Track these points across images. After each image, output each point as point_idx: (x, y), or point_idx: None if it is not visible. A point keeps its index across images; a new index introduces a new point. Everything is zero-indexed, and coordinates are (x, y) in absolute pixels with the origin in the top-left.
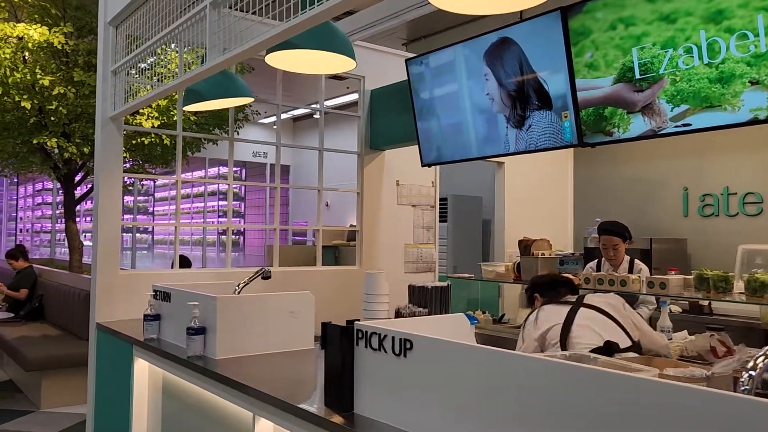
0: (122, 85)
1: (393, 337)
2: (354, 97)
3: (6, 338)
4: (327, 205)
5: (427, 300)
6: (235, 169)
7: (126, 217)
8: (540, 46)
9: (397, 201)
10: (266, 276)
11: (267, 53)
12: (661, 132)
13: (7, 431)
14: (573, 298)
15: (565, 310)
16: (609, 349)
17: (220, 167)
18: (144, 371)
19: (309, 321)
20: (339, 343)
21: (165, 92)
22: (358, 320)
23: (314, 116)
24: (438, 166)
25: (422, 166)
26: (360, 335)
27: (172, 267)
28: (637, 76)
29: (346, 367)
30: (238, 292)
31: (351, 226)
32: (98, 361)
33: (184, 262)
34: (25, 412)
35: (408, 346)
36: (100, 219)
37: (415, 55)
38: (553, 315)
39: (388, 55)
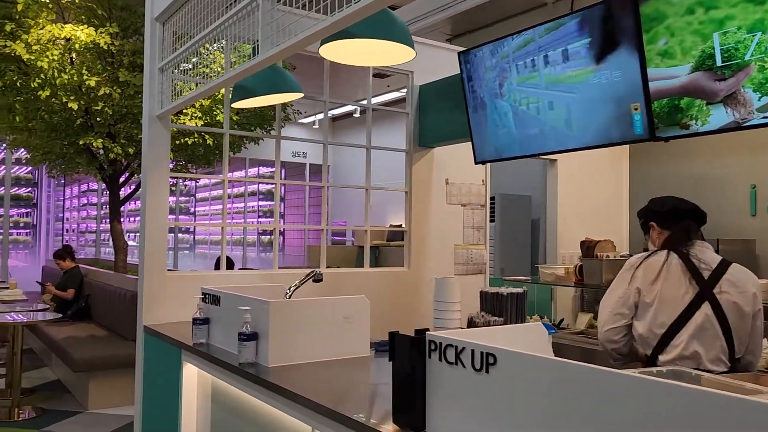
0: (169, 82)
1: (473, 351)
2: (394, 95)
3: (54, 338)
4: None
5: (502, 308)
6: (274, 169)
7: (168, 217)
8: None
9: (446, 200)
10: (318, 279)
11: (321, 44)
12: (746, 124)
13: None
14: (704, 265)
15: (682, 293)
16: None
17: (261, 167)
18: (193, 376)
19: (364, 327)
20: (409, 355)
21: (214, 88)
22: (427, 329)
23: (354, 115)
24: (489, 164)
25: (476, 164)
26: (433, 347)
27: (215, 267)
28: (719, 64)
29: (417, 381)
30: (290, 296)
31: (391, 226)
32: (146, 364)
33: (228, 263)
34: (73, 413)
35: (491, 360)
36: (148, 219)
37: (468, 47)
38: (668, 290)
39: (438, 49)
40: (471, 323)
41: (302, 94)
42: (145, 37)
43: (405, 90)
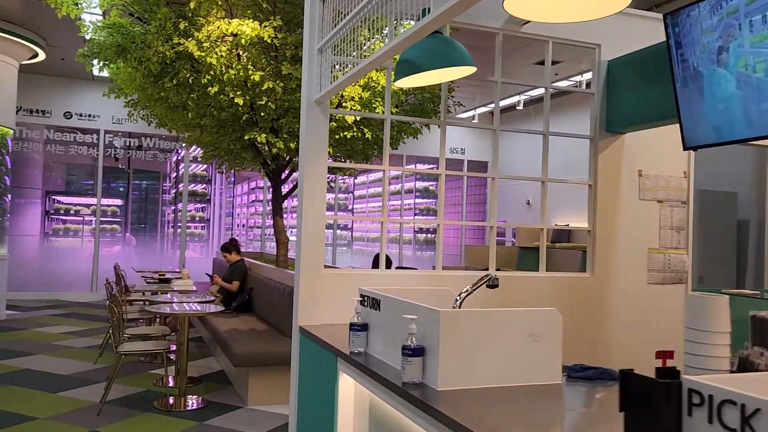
0: (328, 64)
1: None
2: (564, 83)
3: (218, 330)
4: (528, 204)
5: None
6: (431, 165)
7: (327, 213)
8: None
9: (638, 195)
10: (493, 284)
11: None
12: None
13: (215, 427)
14: None
15: None
16: None
17: (418, 164)
18: (350, 388)
19: (554, 347)
20: (655, 408)
21: (379, 60)
22: (674, 370)
23: (517, 108)
24: (693, 154)
25: (685, 149)
26: (697, 400)
27: (373, 265)
28: None
29: None
30: (460, 304)
31: (556, 225)
32: (301, 367)
33: (386, 261)
34: (234, 407)
35: None
36: (305, 211)
37: (679, 6)
38: None
39: (630, 17)
40: (746, 364)
41: (475, 68)
42: (305, 17)
43: (572, 78)
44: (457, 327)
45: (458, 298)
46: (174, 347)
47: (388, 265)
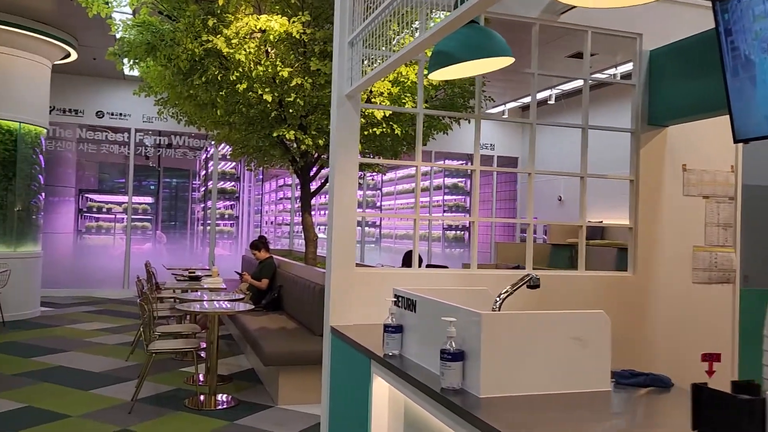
0: (359, 57)
1: None
2: (598, 76)
3: (248, 328)
4: (560, 200)
5: None
6: (461, 162)
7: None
8: None
9: (683, 191)
10: (534, 284)
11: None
12: None
13: (246, 426)
14: None
15: None
16: None
17: (447, 160)
18: (383, 392)
19: (603, 352)
20: (735, 426)
21: (412, 52)
22: (751, 384)
23: (549, 102)
24: (741, 147)
25: (736, 142)
26: None
27: (403, 263)
28: None
29: None
30: (500, 305)
31: (589, 222)
32: (332, 367)
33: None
34: (264, 406)
35: None
36: (336, 208)
37: None
38: None
39: (673, 4)
40: None
41: (513, 59)
42: (335, 10)
43: (606, 71)
44: (500, 330)
45: (498, 299)
46: (204, 345)
47: (419, 263)
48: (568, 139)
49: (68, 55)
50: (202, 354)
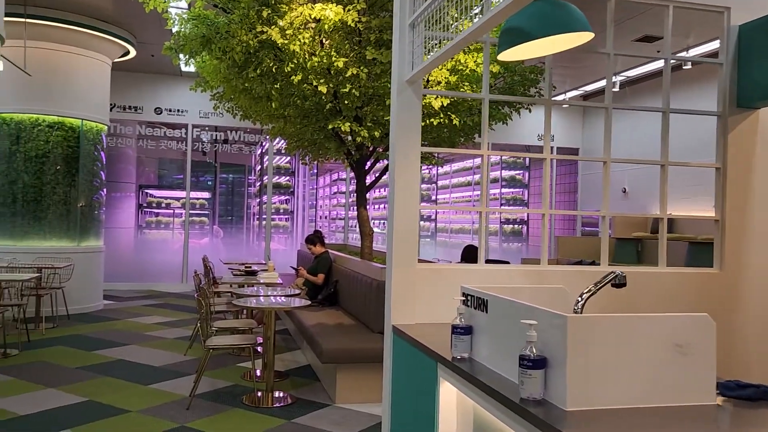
0: (421, 40)
1: None
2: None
3: (304, 324)
4: (624, 192)
5: None
6: (517, 154)
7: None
8: None
9: None
10: (620, 283)
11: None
12: None
13: (303, 426)
14: None
15: None
16: None
17: (503, 152)
18: (451, 397)
19: (707, 360)
20: None
21: (478, 31)
22: None
23: (613, 90)
24: None
25: None
26: None
27: (462, 258)
28: None
29: None
30: (582, 306)
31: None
32: (394, 368)
33: (472, 253)
34: (321, 405)
35: None
36: (397, 201)
37: None
38: None
39: None
40: None
41: (592, 34)
42: None
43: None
44: (588, 335)
45: (579, 299)
46: (261, 340)
47: (476, 257)
48: (634, 128)
49: (127, 52)
50: (259, 349)
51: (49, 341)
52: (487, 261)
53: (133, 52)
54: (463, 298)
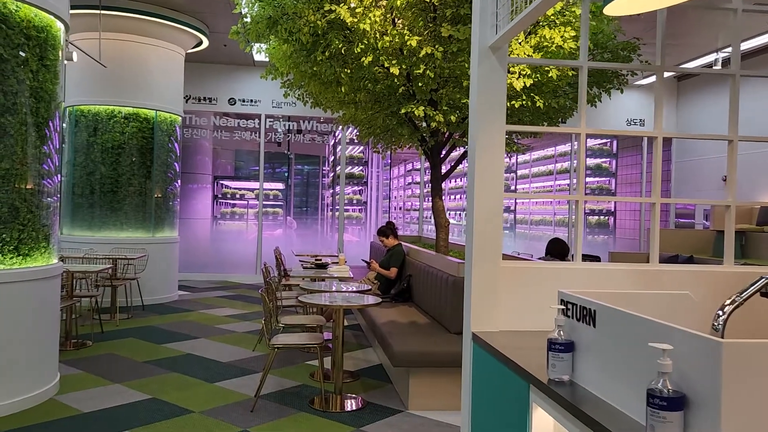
0: None
1: None
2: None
3: (376, 322)
4: (724, 180)
5: None
6: (604, 141)
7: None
8: None
9: None
10: None
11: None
12: None
13: None
14: None
15: None
16: None
17: (589, 140)
18: (547, 426)
19: None
20: None
21: None
22: None
23: (715, 67)
24: None
25: None
26: None
27: (546, 253)
28: None
29: None
30: (724, 322)
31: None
32: (474, 381)
33: (562, 247)
34: (393, 411)
35: None
36: (477, 187)
37: None
38: None
39: None
40: None
41: None
42: None
43: None
44: (752, 368)
45: (720, 313)
46: (330, 336)
47: (566, 252)
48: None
49: (200, 42)
50: (329, 345)
51: (122, 333)
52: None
53: (205, 42)
54: (563, 307)
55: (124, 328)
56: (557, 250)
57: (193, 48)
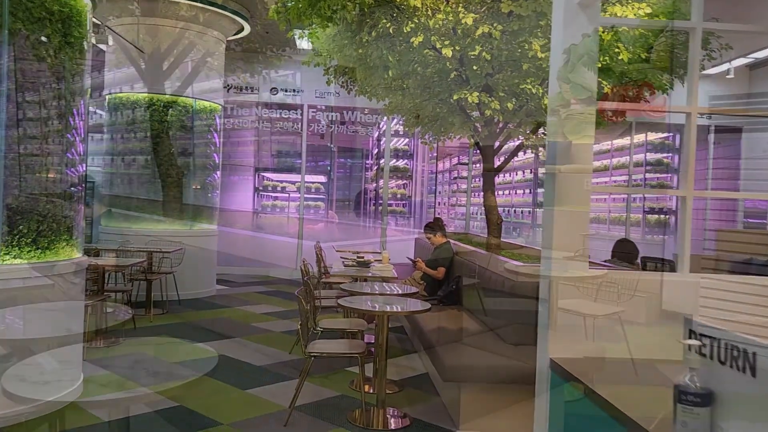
0: None
1: None
2: None
3: (423, 329)
4: None
5: None
6: (666, 135)
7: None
8: None
9: None
10: None
11: None
12: None
13: None
14: None
15: None
16: None
17: (649, 133)
18: None
19: None
20: None
21: None
22: None
23: None
24: None
25: None
26: None
27: (613, 255)
28: None
29: None
30: None
31: None
32: (552, 416)
33: (630, 248)
34: (442, 430)
35: None
36: (558, 178)
37: None
38: None
39: None
40: None
41: None
42: None
43: None
44: None
45: None
46: (371, 339)
47: (635, 255)
48: None
49: (241, 29)
50: (371, 349)
51: (155, 329)
52: (643, 258)
53: (247, 29)
54: (696, 341)
55: (158, 324)
56: (626, 253)
57: (234, 35)
